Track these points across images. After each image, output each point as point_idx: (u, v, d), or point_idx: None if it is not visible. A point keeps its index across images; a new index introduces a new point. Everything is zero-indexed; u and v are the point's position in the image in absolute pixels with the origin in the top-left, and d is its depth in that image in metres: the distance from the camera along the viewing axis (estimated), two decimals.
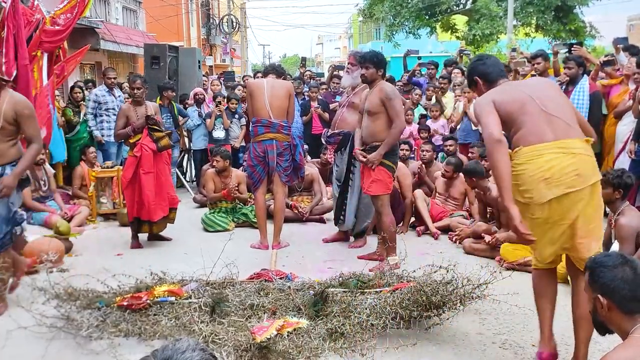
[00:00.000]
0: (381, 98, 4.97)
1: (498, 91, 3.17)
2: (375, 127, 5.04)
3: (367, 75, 5.10)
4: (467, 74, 3.47)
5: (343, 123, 5.73)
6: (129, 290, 3.91)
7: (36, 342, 3.53)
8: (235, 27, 32.73)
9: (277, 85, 5.72)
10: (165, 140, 5.81)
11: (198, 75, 10.40)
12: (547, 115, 3.00)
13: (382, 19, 23.12)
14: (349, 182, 5.71)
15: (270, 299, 3.83)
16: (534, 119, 3.00)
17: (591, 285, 2.13)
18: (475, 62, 3.45)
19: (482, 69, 3.31)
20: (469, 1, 22.17)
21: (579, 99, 6.28)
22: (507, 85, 3.26)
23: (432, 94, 8.85)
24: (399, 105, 5.03)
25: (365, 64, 5.09)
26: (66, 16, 7.23)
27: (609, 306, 2.05)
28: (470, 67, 3.43)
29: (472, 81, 3.38)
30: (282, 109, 5.65)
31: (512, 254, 4.98)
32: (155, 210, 5.73)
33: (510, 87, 3.26)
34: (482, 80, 3.30)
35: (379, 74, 5.10)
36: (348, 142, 5.63)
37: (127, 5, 21.16)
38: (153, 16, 23.18)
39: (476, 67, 3.36)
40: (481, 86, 3.31)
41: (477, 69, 3.34)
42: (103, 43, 14.99)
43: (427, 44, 26.06)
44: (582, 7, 20.66)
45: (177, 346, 1.45)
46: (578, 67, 6.35)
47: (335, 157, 5.93)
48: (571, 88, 6.37)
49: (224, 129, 8.53)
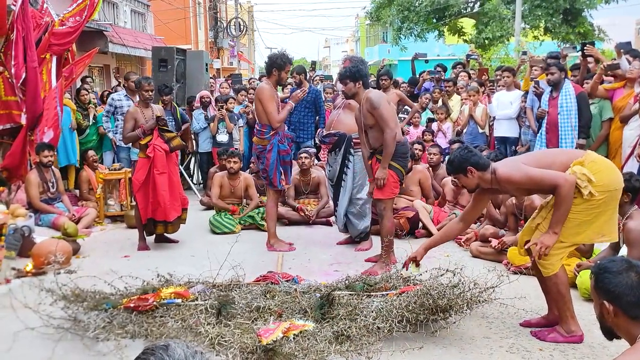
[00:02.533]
0: (368, 109, 4.98)
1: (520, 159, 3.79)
2: (379, 136, 5.03)
3: (346, 91, 5.13)
4: (458, 164, 3.69)
5: (339, 124, 5.77)
6: (135, 292, 3.92)
7: (43, 343, 3.54)
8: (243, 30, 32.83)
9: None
10: (177, 140, 5.87)
11: (205, 78, 10.42)
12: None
13: (390, 23, 23.14)
14: (341, 182, 5.75)
15: (276, 302, 3.83)
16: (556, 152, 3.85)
17: (596, 290, 2.11)
18: (465, 152, 3.71)
19: (475, 159, 3.64)
20: (477, 4, 22.15)
21: (567, 102, 6.28)
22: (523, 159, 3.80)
23: (439, 96, 8.85)
24: (385, 112, 4.94)
25: (343, 80, 5.13)
26: (75, 19, 7.28)
27: (615, 312, 2.03)
28: (462, 158, 3.68)
29: (464, 170, 3.67)
30: (258, 112, 5.75)
31: (519, 257, 4.93)
32: (170, 210, 5.78)
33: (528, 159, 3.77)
34: (476, 168, 3.63)
35: (358, 87, 5.08)
36: (343, 143, 5.67)
37: (136, 8, 21.27)
38: (161, 19, 23.29)
39: (468, 157, 3.65)
40: (475, 174, 3.64)
41: (470, 160, 3.64)
42: (111, 46, 15.07)
43: (435, 47, 26.04)
44: (590, 10, 20.60)
45: (170, 353, 1.35)
46: (560, 72, 6.36)
47: (329, 157, 5.95)
48: (556, 94, 6.38)
49: (228, 133, 8.55)
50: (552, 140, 6.45)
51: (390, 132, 4.93)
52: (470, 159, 3.63)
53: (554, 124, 6.40)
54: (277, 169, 5.71)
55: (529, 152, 4.00)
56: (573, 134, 6.28)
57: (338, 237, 6.22)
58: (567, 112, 6.28)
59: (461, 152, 3.72)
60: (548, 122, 6.50)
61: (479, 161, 3.62)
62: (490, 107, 7.92)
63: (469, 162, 3.63)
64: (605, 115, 6.43)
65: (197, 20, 29.26)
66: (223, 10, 36.39)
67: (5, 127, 6.76)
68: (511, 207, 5.42)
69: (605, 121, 6.45)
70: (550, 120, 6.45)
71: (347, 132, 5.63)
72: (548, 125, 6.50)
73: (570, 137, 6.30)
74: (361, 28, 46.48)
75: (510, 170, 3.60)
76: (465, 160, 3.64)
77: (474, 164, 3.62)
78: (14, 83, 6.60)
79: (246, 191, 7.08)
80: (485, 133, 8.14)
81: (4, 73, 6.66)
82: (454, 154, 3.78)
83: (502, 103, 7.70)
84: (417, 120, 8.51)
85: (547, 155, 3.89)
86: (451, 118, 8.51)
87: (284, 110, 5.68)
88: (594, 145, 6.45)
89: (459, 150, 3.78)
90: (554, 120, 6.39)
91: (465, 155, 3.66)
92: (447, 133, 8.28)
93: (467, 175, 3.66)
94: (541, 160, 3.64)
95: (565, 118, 6.30)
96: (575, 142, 6.28)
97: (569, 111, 6.27)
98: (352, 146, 5.66)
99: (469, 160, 3.63)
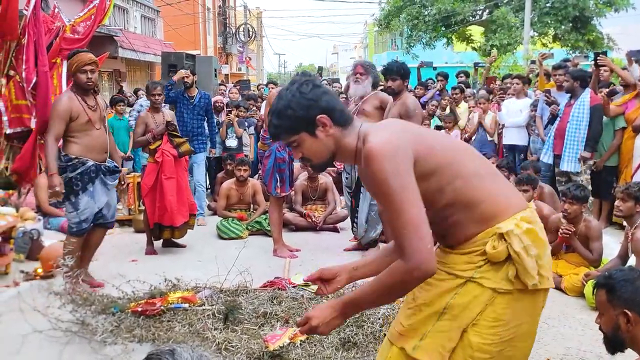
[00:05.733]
0: (401, 113, 4.97)
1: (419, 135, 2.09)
2: None
3: (393, 87, 5.09)
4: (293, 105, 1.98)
5: None
6: (143, 296, 3.94)
7: (51, 346, 3.56)
8: (252, 36, 32.97)
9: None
10: (186, 145, 5.89)
11: (214, 84, 10.47)
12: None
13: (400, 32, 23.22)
14: (360, 188, 5.72)
15: (283, 308, 3.84)
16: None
17: (612, 301, 2.06)
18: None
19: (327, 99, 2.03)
20: (485, 12, 22.15)
21: (579, 112, 6.23)
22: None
23: (447, 104, 8.84)
24: (417, 123, 4.99)
25: (392, 75, 5.08)
26: (86, 24, 7.34)
27: (636, 320, 2.00)
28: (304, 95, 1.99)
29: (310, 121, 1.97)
30: (265, 117, 5.86)
31: None
32: (177, 216, 5.80)
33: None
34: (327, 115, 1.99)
35: (405, 85, 5.09)
36: None
37: (146, 14, 21.42)
38: (171, 25, 23.44)
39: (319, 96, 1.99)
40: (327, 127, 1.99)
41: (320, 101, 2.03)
42: (121, 51, 15.19)
43: (443, 54, 26.06)
44: (599, 18, 20.56)
45: (176, 357, 1.36)
46: (573, 80, 6.30)
47: (345, 164, 5.93)
48: (573, 101, 6.33)
49: (237, 138, 8.58)
50: (558, 146, 6.43)
51: None
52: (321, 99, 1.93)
53: (563, 130, 6.37)
54: (273, 175, 5.73)
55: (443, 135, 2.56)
56: (579, 145, 6.24)
57: (345, 243, 6.22)
58: (577, 122, 6.23)
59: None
60: (558, 129, 6.47)
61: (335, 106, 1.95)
62: (500, 115, 7.90)
63: (318, 105, 1.92)
64: (618, 125, 6.41)
65: (206, 26, 29.43)
66: (232, 16, 36.57)
67: (16, 131, 6.79)
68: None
69: (618, 130, 6.42)
70: (560, 127, 6.42)
71: None
72: (557, 131, 6.47)
73: (575, 148, 6.25)
74: (369, 35, 46.59)
75: (381, 148, 1.82)
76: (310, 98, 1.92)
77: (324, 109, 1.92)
78: (24, 87, 6.64)
79: (254, 197, 7.10)
80: (494, 141, 8.13)
81: (15, 77, 6.71)
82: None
83: (512, 111, 7.69)
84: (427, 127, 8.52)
85: (473, 160, 1.99)
86: (459, 125, 8.50)
87: None
88: (607, 155, 6.43)
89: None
90: (564, 127, 6.36)
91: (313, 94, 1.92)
92: None
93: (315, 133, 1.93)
94: (460, 163, 1.93)
95: (573, 127, 6.26)
96: (580, 153, 6.23)
97: (579, 121, 6.22)
98: None
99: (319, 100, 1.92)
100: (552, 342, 3.73)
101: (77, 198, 4.53)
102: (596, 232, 4.71)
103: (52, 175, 4.39)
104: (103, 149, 4.67)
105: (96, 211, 4.66)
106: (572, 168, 6.26)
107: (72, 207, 4.58)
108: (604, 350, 3.41)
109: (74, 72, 4.56)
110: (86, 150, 4.55)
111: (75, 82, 4.61)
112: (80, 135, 4.53)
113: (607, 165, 6.49)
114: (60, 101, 4.51)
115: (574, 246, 4.72)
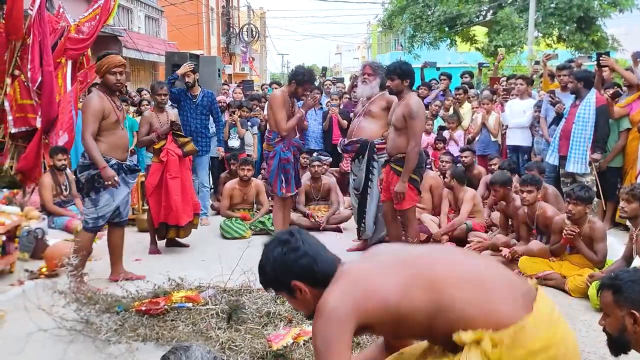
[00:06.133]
0: (404, 114, 4.95)
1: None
2: (400, 141, 5.03)
3: (392, 86, 5.08)
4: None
5: (360, 131, 5.71)
6: (147, 296, 3.95)
7: (55, 345, 3.57)
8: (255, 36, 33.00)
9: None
10: (191, 145, 5.91)
11: (218, 84, 10.48)
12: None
13: (402, 31, 23.18)
14: (367, 190, 5.70)
15: (286, 307, 3.83)
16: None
17: (619, 302, 2.05)
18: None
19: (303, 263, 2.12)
20: (489, 12, 22.12)
21: (584, 113, 6.20)
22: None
23: (450, 104, 8.83)
24: (418, 126, 4.97)
25: (390, 75, 5.07)
26: (90, 24, 7.36)
27: None
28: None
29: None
30: (269, 118, 5.91)
31: (530, 267, 4.93)
32: (182, 215, 5.82)
33: None
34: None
35: (405, 85, 5.05)
36: (365, 151, 5.62)
37: (150, 14, 21.46)
38: (174, 25, 23.48)
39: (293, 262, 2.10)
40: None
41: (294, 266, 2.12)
42: (125, 51, 15.22)
43: (446, 55, 26.01)
44: (603, 19, 20.50)
45: (189, 354, 1.39)
46: (577, 81, 6.29)
47: (352, 166, 5.91)
48: (578, 102, 6.32)
49: (239, 138, 8.59)
50: (563, 147, 6.41)
51: (415, 147, 4.94)
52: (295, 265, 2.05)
53: (568, 131, 6.34)
54: (278, 176, 5.74)
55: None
56: (586, 145, 6.21)
57: (348, 244, 6.22)
58: (583, 123, 6.20)
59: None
60: (563, 129, 6.44)
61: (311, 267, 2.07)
62: (504, 116, 7.89)
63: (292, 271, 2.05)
64: (622, 126, 6.38)
65: (209, 26, 29.46)
66: (235, 16, 36.60)
67: (21, 130, 6.83)
68: (523, 216, 5.40)
69: (622, 131, 6.40)
70: (566, 128, 6.39)
71: (369, 139, 5.61)
72: (562, 132, 6.44)
73: (582, 149, 6.23)
74: (373, 35, 46.57)
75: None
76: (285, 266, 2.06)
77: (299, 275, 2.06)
78: (29, 87, 6.67)
79: (257, 197, 7.11)
80: (497, 142, 8.11)
81: (20, 77, 6.74)
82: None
83: (515, 112, 7.67)
84: (430, 128, 8.50)
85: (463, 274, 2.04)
86: (462, 126, 8.49)
87: (292, 119, 5.68)
88: (611, 156, 6.40)
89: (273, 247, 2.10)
90: (569, 128, 6.33)
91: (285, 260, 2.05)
92: (458, 141, 8.26)
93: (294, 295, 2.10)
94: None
95: (579, 128, 6.22)
96: (588, 155, 6.21)
97: (584, 122, 6.19)
98: (376, 152, 5.61)
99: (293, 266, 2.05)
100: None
101: (98, 195, 4.66)
102: (600, 233, 4.70)
103: (104, 168, 4.54)
104: (126, 148, 4.85)
105: (114, 208, 4.77)
106: (579, 169, 6.24)
107: (91, 204, 4.70)
108: (608, 351, 3.41)
109: (103, 73, 4.68)
110: (111, 149, 4.66)
111: (105, 83, 4.72)
112: (107, 134, 4.64)
113: (611, 166, 6.47)
114: (92, 100, 4.61)
115: (578, 247, 4.72)
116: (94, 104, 4.57)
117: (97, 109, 4.56)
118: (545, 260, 4.93)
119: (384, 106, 5.61)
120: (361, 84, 5.82)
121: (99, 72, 4.69)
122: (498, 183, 5.62)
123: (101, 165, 4.53)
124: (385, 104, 5.61)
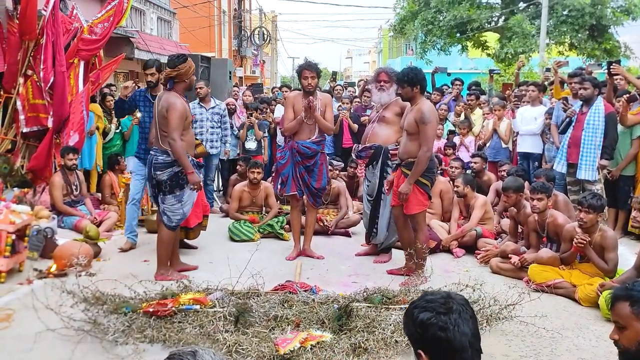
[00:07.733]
0: (416, 119, 4.95)
1: None
2: (411, 146, 5.03)
3: (402, 94, 5.12)
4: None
5: (374, 137, 5.71)
6: (154, 297, 3.94)
7: (63, 345, 3.58)
8: (266, 39, 33.07)
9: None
10: (201, 147, 5.90)
11: (229, 86, 10.50)
12: None
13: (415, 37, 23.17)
14: (381, 196, 5.69)
15: (294, 311, 3.83)
16: None
17: (638, 314, 2.02)
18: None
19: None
20: (501, 19, 22.06)
21: (594, 120, 6.18)
22: None
23: (461, 110, 8.80)
24: (430, 131, 4.95)
25: (400, 83, 5.09)
26: (103, 25, 7.41)
27: None
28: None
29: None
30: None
31: (539, 275, 4.88)
32: (191, 217, 5.80)
33: None
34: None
35: (416, 91, 5.05)
36: (379, 157, 5.61)
37: (162, 16, 21.57)
38: (186, 27, 23.58)
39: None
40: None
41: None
42: (137, 52, 15.28)
43: (457, 60, 25.96)
44: (616, 27, 20.39)
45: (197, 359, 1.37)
46: (594, 87, 6.26)
47: (367, 172, 5.90)
48: (586, 109, 6.29)
49: (256, 140, 8.59)
50: (572, 155, 6.37)
51: (427, 152, 4.94)
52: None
53: (577, 139, 6.31)
54: (279, 175, 5.87)
55: None
56: (596, 152, 6.18)
57: (357, 248, 6.20)
58: (593, 130, 6.18)
59: None
60: (572, 137, 6.41)
61: None
62: (514, 123, 7.85)
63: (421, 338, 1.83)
64: (635, 134, 6.35)
65: (221, 29, 29.57)
66: (247, 19, 36.72)
67: (32, 130, 6.88)
68: (533, 224, 5.36)
69: (635, 139, 6.36)
70: (575, 135, 6.36)
71: (383, 144, 5.61)
72: (571, 140, 6.41)
73: (592, 156, 6.19)
74: (384, 40, 46.59)
75: None
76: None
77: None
78: (42, 86, 6.72)
79: (266, 200, 7.10)
80: (508, 148, 8.08)
81: (33, 77, 6.79)
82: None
83: (526, 118, 7.63)
84: (440, 132, 8.48)
85: None
86: (473, 132, 8.46)
87: (293, 121, 5.70)
88: (623, 163, 6.37)
89: None
90: (578, 135, 6.30)
91: None
92: (469, 147, 8.23)
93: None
94: None
95: (589, 135, 6.20)
96: (597, 161, 6.18)
97: (594, 129, 6.17)
98: (390, 158, 5.60)
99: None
100: (565, 352, 3.69)
101: (182, 191, 4.91)
102: (612, 242, 4.66)
103: (192, 173, 4.83)
104: (194, 145, 5.12)
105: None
106: (590, 176, 6.21)
107: (176, 200, 4.93)
108: None
109: (188, 76, 4.87)
110: (187, 146, 4.90)
111: (184, 86, 4.92)
112: (185, 133, 4.87)
113: (624, 174, 6.42)
114: (177, 103, 4.79)
115: (588, 256, 4.67)
116: (180, 106, 4.78)
117: (184, 111, 4.81)
118: (555, 269, 4.89)
119: (398, 112, 5.60)
120: (378, 90, 5.79)
121: (183, 75, 4.83)
122: (512, 189, 5.58)
123: (189, 170, 4.80)
124: (399, 110, 5.60)
